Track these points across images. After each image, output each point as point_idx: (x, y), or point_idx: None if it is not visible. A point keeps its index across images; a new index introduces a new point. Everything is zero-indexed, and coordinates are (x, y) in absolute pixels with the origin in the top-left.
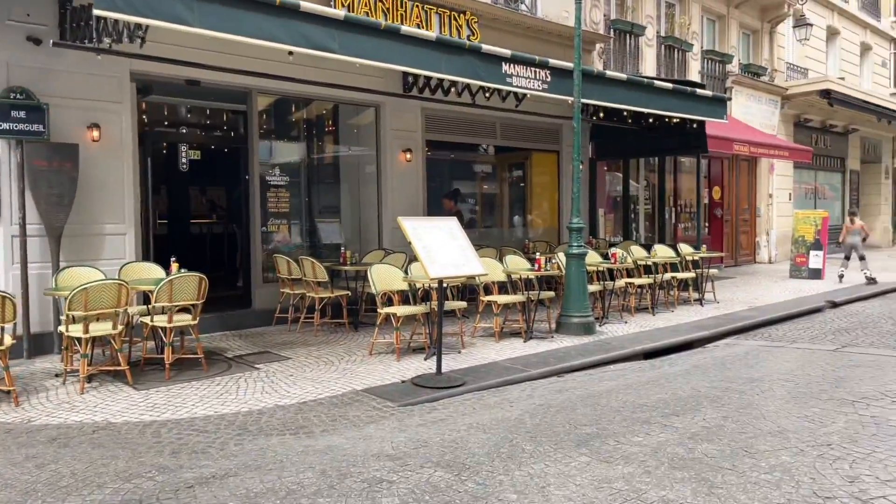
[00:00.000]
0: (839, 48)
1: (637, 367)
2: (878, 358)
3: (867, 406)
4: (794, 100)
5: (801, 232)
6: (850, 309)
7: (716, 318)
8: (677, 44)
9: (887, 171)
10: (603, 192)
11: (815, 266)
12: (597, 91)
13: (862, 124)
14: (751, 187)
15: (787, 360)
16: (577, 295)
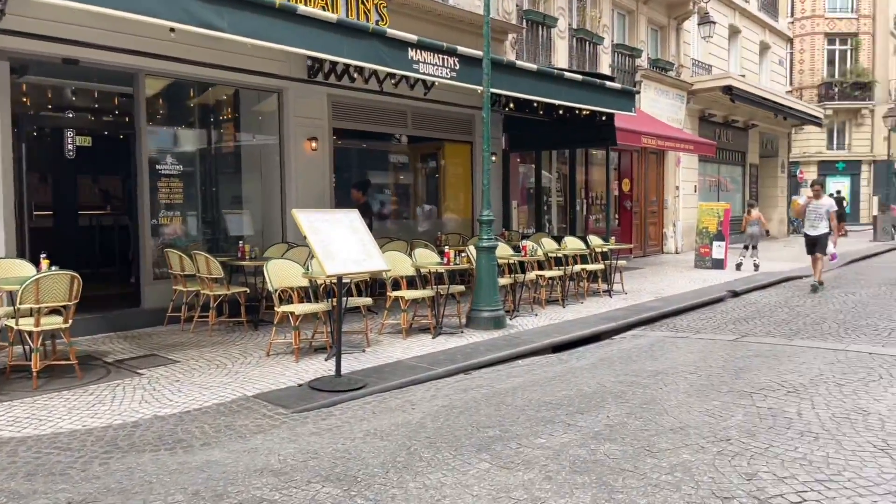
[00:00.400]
0: (740, 46)
1: (545, 361)
2: (774, 347)
3: (764, 398)
4: (699, 95)
5: (704, 223)
6: (749, 298)
7: (624, 309)
8: (589, 37)
9: (783, 165)
10: (516, 183)
11: (718, 256)
12: (507, 81)
13: (761, 120)
14: (659, 180)
15: (690, 352)
16: (488, 289)
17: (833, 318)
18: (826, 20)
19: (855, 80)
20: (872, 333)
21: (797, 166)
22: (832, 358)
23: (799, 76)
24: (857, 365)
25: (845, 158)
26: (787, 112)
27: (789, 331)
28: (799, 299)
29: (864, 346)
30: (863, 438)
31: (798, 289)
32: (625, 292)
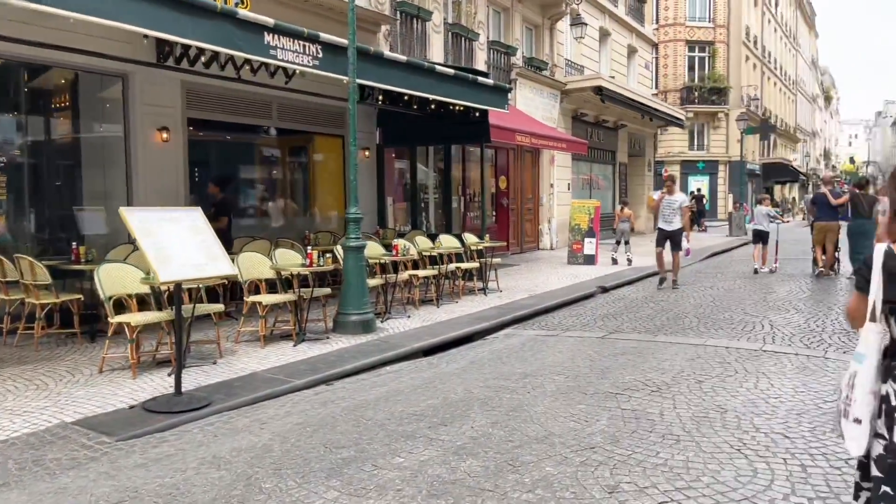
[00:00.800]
0: (610, 49)
1: (414, 366)
2: (639, 344)
3: (629, 398)
4: (572, 95)
5: (577, 220)
6: (617, 293)
7: (498, 307)
8: (464, 32)
9: (650, 164)
10: (392, 180)
11: (590, 252)
12: (375, 72)
13: (630, 121)
14: (534, 177)
15: (559, 351)
16: (356, 290)
17: (694, 313)
18: (687, 28)
19: (712, 85)
20: (728, 327)
21: (662, 165)
22: (692, 353)
23: (663, 80)
24: (714, 360)
25: (704, 158)
26: (653, 113)
27: (654, 326)
28: (663, 294)
29: (721, 341)
30: (720, 438)
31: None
32: (500, 290)
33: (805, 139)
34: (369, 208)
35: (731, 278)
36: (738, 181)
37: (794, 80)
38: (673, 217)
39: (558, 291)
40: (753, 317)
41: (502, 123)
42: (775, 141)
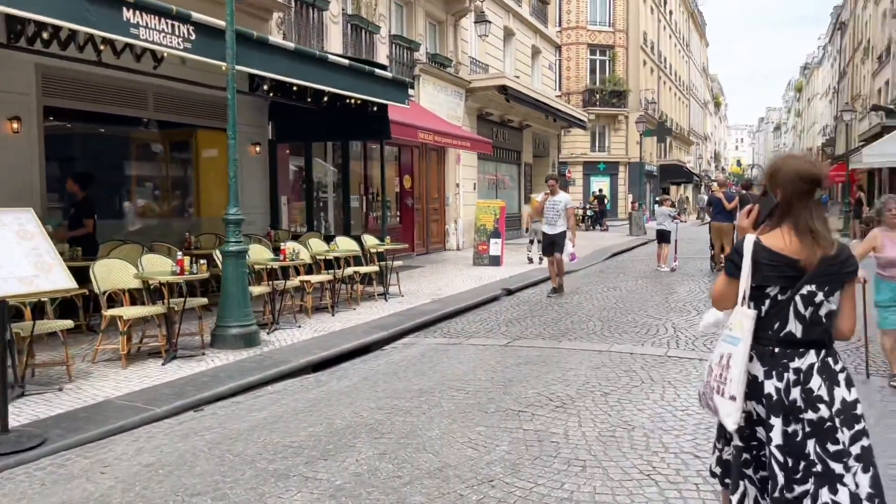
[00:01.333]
0: (514, 49)
1: (300, 385)
2: (543, 352)
3: (532, 416)
4: (477, 93)
5: (482, 221)
6: (522, 296)
7: (398, 314)
8: (364, 24)
9: (554, 164)
10: (286, 178)
11: (495, 253)
12: (258, 59)
13: (534, 121)
14: (440, 176)
15: (460, 362)
16: (237, 300)
17: (598, 316)
18: (588, 32)
19: (612, 88)
20: (633, 331)
21: (566, 166)
22: (597, 361)
23: (566, 82)
24: (620, 368)
25: (606, 160)
26: (557, 114)
27: (558, 331)
28: (568, 296)
29: (625, 346)
30: (629, 462)
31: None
32: (402, 295)
33: (698, 142)
34: (261, 208)
35: (634, 278)
36: (637, 182)
37: (687, 86)
38: (556, 220)
39: (463, 295)
40: (657, 319)
41: (404, 120)
42: (671, 143)
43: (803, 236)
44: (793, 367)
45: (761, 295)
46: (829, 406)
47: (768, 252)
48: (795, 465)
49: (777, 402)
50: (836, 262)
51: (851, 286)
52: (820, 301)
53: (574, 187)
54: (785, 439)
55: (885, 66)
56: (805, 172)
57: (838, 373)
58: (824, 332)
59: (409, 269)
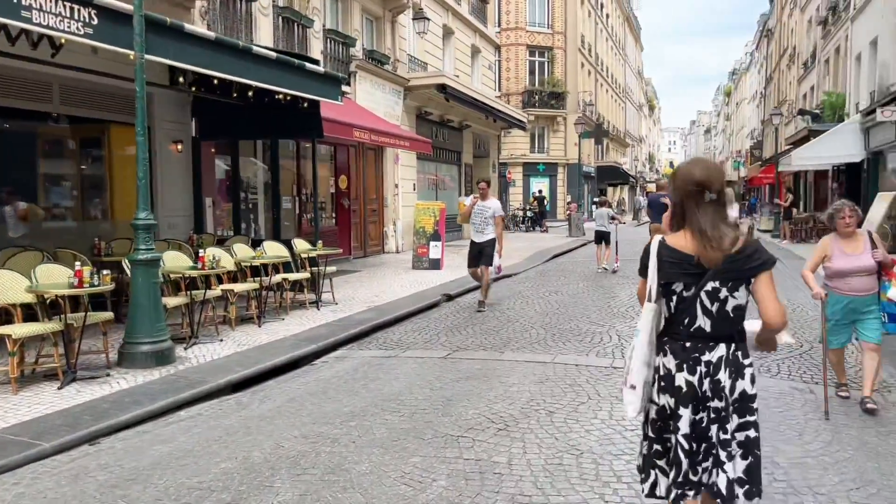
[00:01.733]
0: (454, 48)
1: (217, 408)
2: (485, 364)
3: (472, 443)
4: (416, 92)
5: (421, 223)
6: (463, 301)
7: (330, 324)
8: (297, 17)
9: (494, 165)
10: (212, 178)
11: (435, 256)
12: (173, 49)
13: (474, 121)
14: (378, 177)
15: (396, 378)
16: (148, 314)
17: (541, 323)
18: (527, 33)
19: (551, 90)
20: (576, 339)
21: (506, 167)
22: (541, 374)
23: (506, 83)
24: (565, 381)
25: (545, 161)
26: (497, 115)
27: (500, 341)
28: (510, 301)
29: (570, 357)
30: (579, 497)
31: (505, 289)
32: (336, 302)
33: (633, 144)
34: (183, 211)
35: (575, 280)
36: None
37: (623, 89)
38: (485, 227)
39: (401, 302)
40: (600, 326)
41: (338, 118)
42: (608, 145)
43: (696, 236)
44: (704, 360)
45: (669, 292)
46: (727, 398)
47: (670, 250)
48: (699, 449)
49: (687, 393)
50: (740, 258)
51: (762, 278)
52: (725, 297)
53: (514, 188)
54: (692, 427)
55: (811, 73)
56: (693, 177)
57: (745, 367)
58: (733, 327)
59: (344, 275)
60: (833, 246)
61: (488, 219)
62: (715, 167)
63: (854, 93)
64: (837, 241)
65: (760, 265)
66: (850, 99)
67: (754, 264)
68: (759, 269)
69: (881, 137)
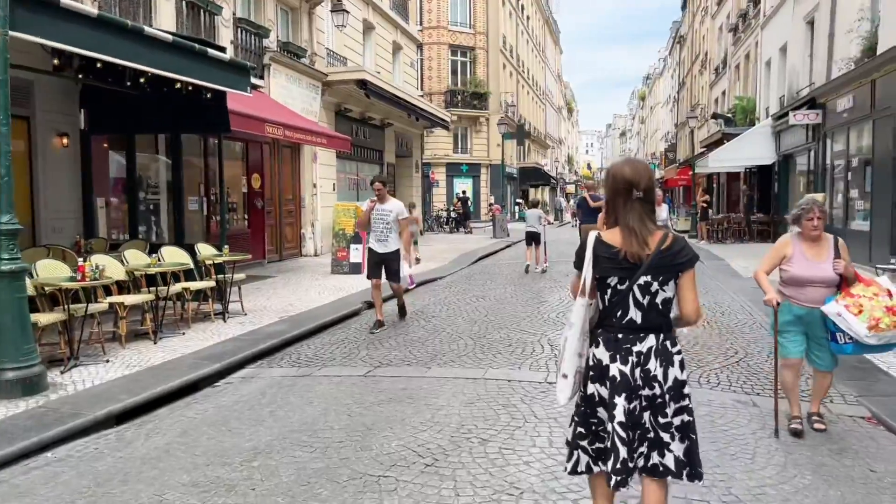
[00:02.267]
0: (375, 43)
1: (93, 447)
2: (409, 383)
3: (396, 485)
4: (335, 87)
5: (341, 224)
6: (386, 309)
7: (238, 338)
8: (203, 4)
9: (417, 165)
10: (105, 175)
11: (356, 260)
12: (46, 26)
13: (396, 119)
14: (295, 176)
15: (310, 402)
16: (12, 335)
17: (469, 332)
18: (449, 32)
19: (474, 90)
20: (507, 350)
21: (429, 167)
22: (472, 393)
23: (428, 82)
24: (497, 401)
25: (468, 161)
26: (420, 113)
27: (426, 354)
28: (435, 308)
29: (501, 371)
30: None
31: (429, 294)
32: (245, 313)
33: (553, 146)
34: (71, 213)
35: (502, 284)
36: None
37: (543, 91)
38: (387, 234)
39: (318, 311)
40: (531, 335)
41: (249, 111)
42: (529, 146)
43: (625, 232)
44: (635, 351)
45: (604, 286)
46: (661, 385)
47: (605, 246)
48: (634, 435)
49: (621, 383)
50: (669, 253)
51: (687, 275)
52: (655, 290)
53: (438, 189)
54: (627, 415)
55: (722, 78)
56: (623, 175)
57: (674, 355)
58: (662, 318)
59: (257, 281)
60: (794, 248)
61: (390, 224)
62: (643, 167)
63: (764, 97)
64: (799, 244)
65: (687, 261)
66: (760, 103)
67: (682, 260)
68: (686, 265)
69: (791, 141)
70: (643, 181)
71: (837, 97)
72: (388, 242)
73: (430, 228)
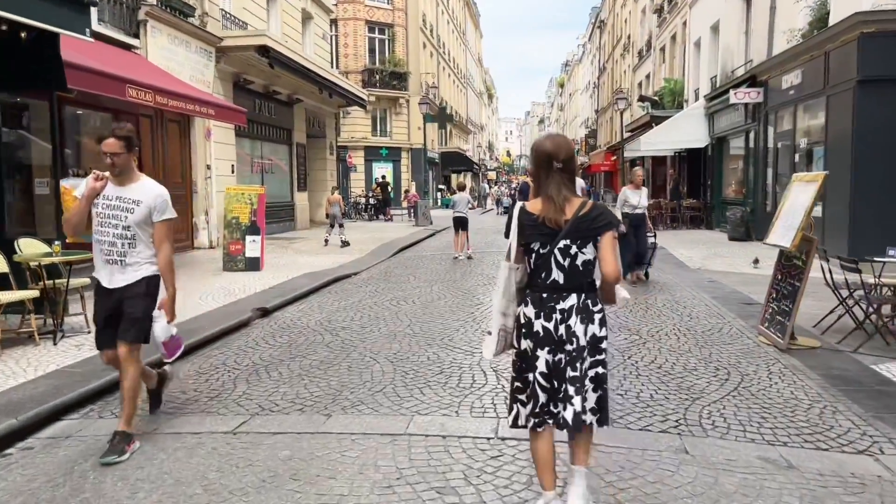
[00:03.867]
0: (281, 9)
1: None
2: (295, 446)
3: None
4: (233, 55)
5: (234, 212)
6: (283, 318)
7: (64, 371)
8: None
9: (332, 146)
10: None
11: (253, 254)
12: None
13: (306, 95)
14: (185, 156)
15: (135, 492)
16: None
17: (386, 353)
18: (366, 7)
19: (393, 69)
20: (438, 381)
21: (346, 150)
22: (391, 463)
23: (344, 60)
24: (430, 481)
25: (388, 145)
26: (333, 88)
27: (327, 390)
28: (346, 316)
29: (433, 419)
30: None
31: (340, 296)
32: (88, 330)
33: (475, 131)
34: None
35: (428, 281)
36: (420, 168)
37: (464, 74)
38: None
39: (195, 323)
40: (468, 355)
41: (104, 68)
42: (451, 131)
43: (546, 201)
44: (559, 309)
45: (529, 251)
46: (578, 340)
47: (528, 215)
48: (558, 387)
49: (544, 337)
50: (587, 219)
51: (606, 238)
52: (575, 253)
53: (356, 174)
54: (550, 367)
55: (646, 61)
56: (544, 148)
57: (595, 313)
58: (583, 279)
59: None
60: None
61: (133, 231)
62: (563, 139)
63: (693, 78)
64: None
65: (604, 225)
66: (688, 85)
67: (599, 224)
68: (603, 229)
69: (726, 122)
70: (562, 153)
71: (783, 73)
72: (129, 268)
73: (348, 216)
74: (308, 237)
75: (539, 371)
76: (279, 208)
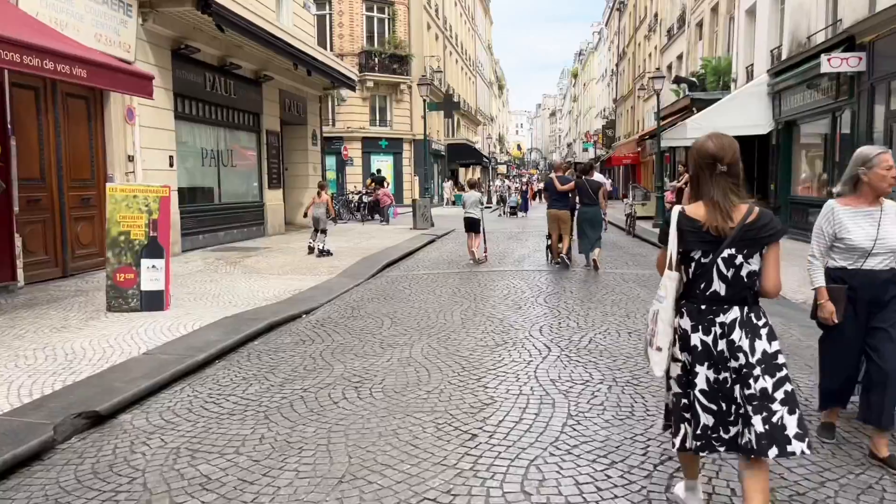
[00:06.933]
0: None
1: None
2: None
3: None
4: (165, 12)
5: (123, 225)
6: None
7: None
8: None
9: (315, 135)
10: None
11: (153, 287)
12: None
13: (279, 72)
14: (95, 144)
15: None
16: None
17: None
18: None
19: (393, 52)
20: None
21: (342, 142)
22: None
23: (339, 41)
24: None
25: (388, 135)
26: (311, 63)
27: None
28: (230, 427)
29: None
30: None
31: (253, 369)
32: None
33: (485, 123)
34: None
35: (408, 332)
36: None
37: (473, 62)
38: None
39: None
40: None
41: None
42: (459, 122)
43: (709, 206)
44: (718, 322)
45: (688, 259)
46: (748, 356)
47: (689, 221)
48: (728, 408)
49: (702, 352)
50: (755, 227)
51: (773, 249)
52: (740, 263)
53: (352, 168)
54: (711, 385)
55: (677, 39)
56: (707, 150)
57: (760, 327)
58: (747, 291)
59: None
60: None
61: None
62: (728, 141)
63: (745, 54)
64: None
65: (773, 234)
66: (737, 62)
67: (767, 234)
68: (772, 238)
69: (798, 102)
70: (727, 156)
71: None
72: None
73: (338, 216)
74: (275, 246)
75: (699, 388)
76: (242, 210)
